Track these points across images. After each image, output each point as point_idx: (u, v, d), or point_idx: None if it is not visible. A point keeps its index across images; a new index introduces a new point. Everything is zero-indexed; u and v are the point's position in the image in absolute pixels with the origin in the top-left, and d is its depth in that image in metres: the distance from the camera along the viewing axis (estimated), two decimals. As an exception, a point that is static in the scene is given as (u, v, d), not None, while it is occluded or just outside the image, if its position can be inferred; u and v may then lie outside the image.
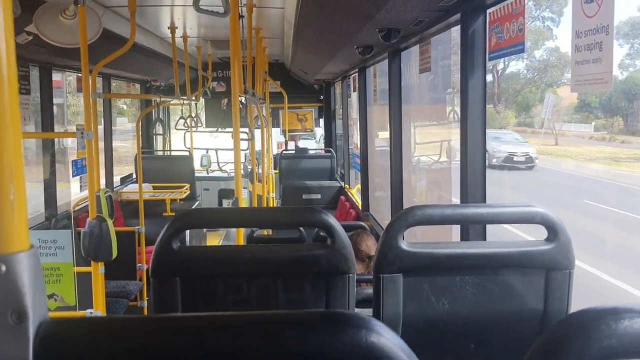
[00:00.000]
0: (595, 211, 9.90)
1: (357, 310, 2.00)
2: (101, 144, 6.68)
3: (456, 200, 2.99)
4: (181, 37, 5.78)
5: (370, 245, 3.66)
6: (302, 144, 10.43)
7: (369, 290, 2.25)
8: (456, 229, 3.02)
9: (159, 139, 9.42)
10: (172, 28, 5.29)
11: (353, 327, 0.62)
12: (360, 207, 6.38)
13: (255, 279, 1.71)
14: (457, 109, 2.74)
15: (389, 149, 4.71)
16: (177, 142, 9.46)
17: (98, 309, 3.13)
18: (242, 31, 3.55)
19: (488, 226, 2.64)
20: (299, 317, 0.65)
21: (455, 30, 2.89)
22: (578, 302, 1.48)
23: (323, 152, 9.44)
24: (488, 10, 2.46)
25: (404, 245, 1.65)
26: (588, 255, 7.25)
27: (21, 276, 0.64)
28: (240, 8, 3.12)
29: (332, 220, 1.70)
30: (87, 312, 3.16)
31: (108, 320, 0.79)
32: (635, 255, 8.05)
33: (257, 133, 5.64)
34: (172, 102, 7.51)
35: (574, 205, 10.19)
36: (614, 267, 7.40)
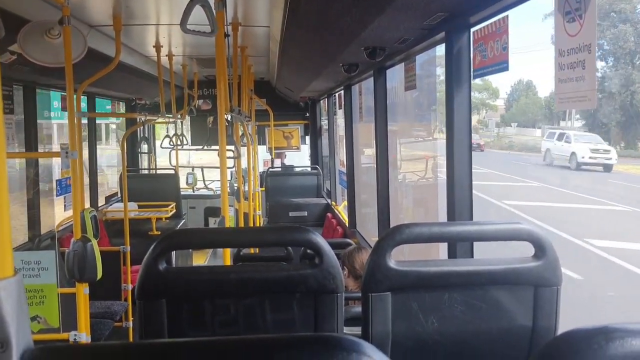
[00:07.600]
0: None
1: (346, 329, 1.99)
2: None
3: (443, 213, 2.98)
4: (167, 55, 5.77)
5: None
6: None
7: (358, 308, 2.24)
8: (444, 244, 3.02)
9: (144, 157, 9.37)
10: (158, 47, 5.28)
11: (343, 350, 0.61)
12: (347, 224, 6.37)
13: (243, 299, 1.69)
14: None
15: (375, 165, 4.72)
16: (163, 159, 9.40)
17: (82, 331, 3.08)
18: (228, 49, 3.55)
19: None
20: (290, 341, 0.64)
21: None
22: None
23: (309, 169, 9.44)
24: (472, 29, 2.49)
25: (392, 263, 1.65)
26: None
27: (5, 304, 0.62)
28: (225, 27, 3.12)
29: (319, 239, 1.69)
30: (71, 334, 3.11)
31: (92, 348, 0.78)
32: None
33: (243, 151, 5.63)
34: (157, 121, 7.48)
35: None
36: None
